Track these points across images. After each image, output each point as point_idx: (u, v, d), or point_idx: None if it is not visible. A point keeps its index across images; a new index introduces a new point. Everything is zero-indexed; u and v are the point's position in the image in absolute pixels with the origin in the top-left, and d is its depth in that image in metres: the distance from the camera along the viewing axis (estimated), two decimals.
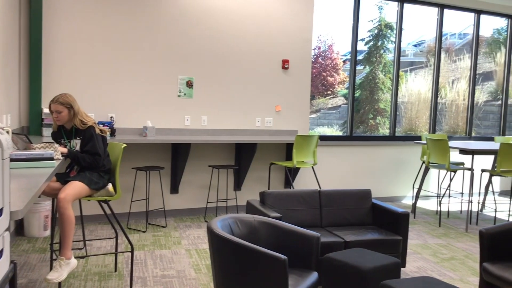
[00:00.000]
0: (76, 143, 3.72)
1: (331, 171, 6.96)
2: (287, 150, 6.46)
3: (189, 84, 6.00)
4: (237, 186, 6.32)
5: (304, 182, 6.72)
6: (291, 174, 6.40)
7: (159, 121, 5.87)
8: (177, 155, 5.79)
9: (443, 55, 8.04)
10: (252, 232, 3.40)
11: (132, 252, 3.71)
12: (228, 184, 6.29)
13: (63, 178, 3.65)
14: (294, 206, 4.30)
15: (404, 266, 4.24)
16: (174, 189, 5.97)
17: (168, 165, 5.93)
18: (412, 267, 4.49)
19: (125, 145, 3.90)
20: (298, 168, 6.45)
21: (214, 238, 2.99)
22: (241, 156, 6.16)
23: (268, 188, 6.37)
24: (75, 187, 3.47)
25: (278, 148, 6.51)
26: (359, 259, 3.46)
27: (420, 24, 7.94)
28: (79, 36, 5.45)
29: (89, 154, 3.63)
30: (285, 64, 6.44)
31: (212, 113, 6.13)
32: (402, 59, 7.98)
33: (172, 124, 5.94)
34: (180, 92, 5.97)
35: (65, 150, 3.60)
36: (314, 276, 3.19)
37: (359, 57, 7.72)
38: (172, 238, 5.14)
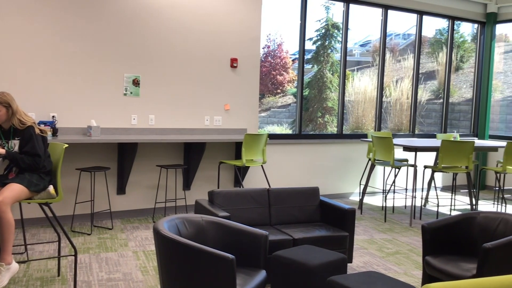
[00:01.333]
0: (15, 144, 3.56)
1: (280, 169, 7.01)
2: (237, 148, 6.45)
3: (136, 83, 5.88)
4: (186, 185, 6.25)
5: (254, 181, 6.73)
6: (240, 173, 6.39)
7: (104, 120, 5.71)
8: (124, 155, 5.66)
9: (388, 55, 8.25)
10: (200, 232, 3.36)
11: (75, 255, 3.59)
12: (177, 183, 6.21)
13: (1, 180, 3.49)
14: (243, 205, 4.30)
15: (351, 262, 4.31)
16: (121, 189, 5.83)
17: (114, 166, 5.79)
18: (359, 262, 4.58)
19: (66, 145, 3.77)
20: (248, 167, 6.46)
21: (160, 239, 2.94)
22: (190, 155, 6.10)
23: (218, 187, 6.34)
24: (14, 190, 3.33)
25: (227, 147, 6.49)
26: (307, 256, 3.49)
27: (366, 25, 8.12)
28: (18, 32, 5.22)
29: (28, 155, 3.48)
30: (233, 62, 6.42)
31: (160, 112, 6.03)
32: (349, 58, 8.13)
33: (118, 123, 5.80)
34: (126, 91, 5.84)
35: (3, 151, 3.44)
36: (262, 274, 3.19)
37: (308, 56, 7.81)
38: (119, 240, 5.01)
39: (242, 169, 6.41)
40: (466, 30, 9.12)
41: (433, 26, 8.81)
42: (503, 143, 6.66)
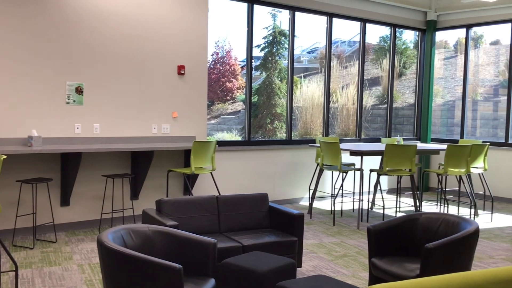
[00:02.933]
0: None
1: (230, 176, 6.99)
2: (185, 156, 6.39)
3: (79, 91, 5.71)
4: (134, 195, 6.12)
5: (203, 188, 6.68)
6: (190, 180, 6.33)
7: (46, 130, 5.52)
8: (67, 166, 5.48)
9: (334, 62, 8.43)
10: (147, 243, 3.29)
11: (16, 270, 3.43)
12: (124, 193, 6.07)
13: None
14: (192, 213, 4.25)
15: (300, 266, 4.35)
16: (65, 201, 5.64)
17: (57, 176, 5.59)
18: (308, 267, 4.63)
19: (4, 156, 3.61)
20: (197, 175, 6.40)
21: (104, 251, 2.85)
22: (138, 164, 5.98)
23: (167, 196, 6.24)
24: None
25: (176, 155, 6.41)
26: (256, 262, 3.49)
27: (313, 32, 8.27)
28: None
29: None
30: (181, 69, 6.36)
31: (105, 120, 5.89)
32: (297, 65, 8.25)
33: (61, 132, 5.61)
34: (69, 99, 5.66)
35: None
36: (211, 283, 3.16)
37: (256, 63, 7.86)
38: (63, 253, 4.84)
39: (191, 177, 6.34)
40: (409, 37, 9.45)
41: (376, 33, 9.08)
42: (444, 146, 6.92)
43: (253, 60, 7.41)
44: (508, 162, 8.04)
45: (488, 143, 6.91)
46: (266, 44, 7.92)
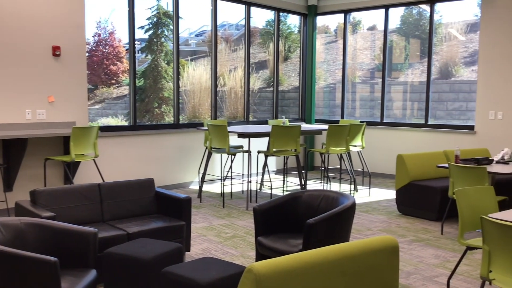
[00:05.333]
0: None
1: (116, 163, 6.73)
2: (65, 143, 6.01)
3: None
4: (8, 186, 5.65)
5: (87, 177, 6.36)
6: (70, 169, 5.98)
7: None
8: None
9: (223, 45, 8.41)
10: (19, 236, 3.05)
11: None
12: None
13: None
14: (71, 203, 4.01)
15: (189, 250, 4.31)
16: None
17: None
18: (198, 250, 4.61)
19: None
20: (78, 162, 6.07)
21: None
22: (10, 153, 5.52)
23: (45, 186, 5.85)
24: None
25: (54, 142, 6.01)
26: (141, 249, 3.39)
27: (200, 15, 8.16)
28: None
29: None
30: (55, 50, 5.94)
31: None
32: (185, 48, 8.11)
33: None
34: None
35: None
36: (92, 274, 3.01)
37: (142, 45, 7.59)
38: None
39: (72, 165, 6.00)
40: (294, 21, 9.69)
41: (263, 17, 9.20)
42: (326, 127, 7.24)
43: (139, 43, 7.13)
44: (384, 140, 8.64)
45: (365, 123, 7.36)
46: (151, 26, 7.67)
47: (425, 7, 8.31)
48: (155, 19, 7.66)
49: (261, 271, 2.05)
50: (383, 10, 8.68)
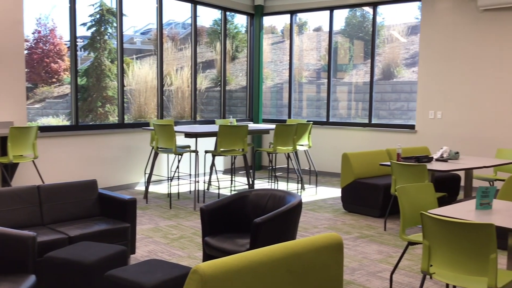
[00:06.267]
0: None
1: (58, 164, 6.49)
2: (2, 144, 5.74)
3: None
4: None
5: (26, 179, 6.10)
6: (8, 170, 5.71)
7: None
8: None
9: (169, 44, 8.29)
10: None
11: None
12: None
13: None
14: (7, 206, 3.83)
15: (134, 253, 4.22)
16: None
17: None
18: (143, 252, 4.51)
19: None
20: (17, 164, 5.80)
21: None
22: None
23: None
24: None
25: None
26: (83, 253, 3.28)
27: (146, 12, 8.01)
28: None
29: None
30: None
31: None
32: (130, 46, 7.94)
33: None
34: None
35: None
36: (31, 280, 2.88)
37: (84, 43, 7.37)
38: None
39: (10, 167, 5.73)
40: (241, 21, 9.70)
41: (210, 16, 9.15)
42: (273, 126, 7.29)
43: (81, 40, 6.90)
44: (330, 139, 8.80)
45: (312, 122, 7.46)
46: (93, 23, 7.46)
47: (368, 10, 8.53)
48: (98, 16, 7.46)
49: (206, 271, 2.03)
50: (328, 12, 8.83)
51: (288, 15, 9.39)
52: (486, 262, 2.61)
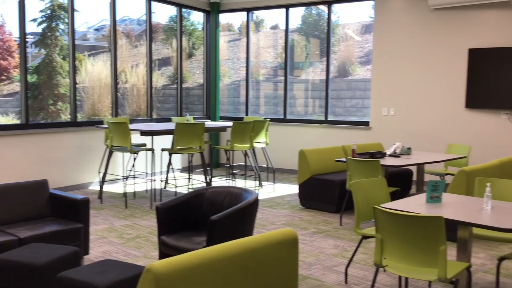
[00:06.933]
0: None
1: (7, 164, 6.26)
2: None
3: None
4: None
5: None
6: None
7: None
8: None
9: (124, 40, 8.13)
10: None
11: None
12: None
13: None
14: None
15: (87, 254, 4.12)
16: None
17: None
18: (97, 253, 4.42)
19: None
20: None
21: None
22: None
23: None
24: None
25: None
26: (33, 255, 3.18)
27: (99, 8, 7.82)
28: None
29: None
30: None
31: None
32: (83, 43, 7.74)
33: None
34: None
35: None
36: None
37: (35, 39, 7.13)
38: None
39: None
40: (198, 18, 9.62)
41: (166, 13, 9.03)
42: (230, 123, 7.27)
43: (32, 37, 6.68)
44: (287, 136, 8.86)
45: (269, 119, 7.50)
46: (44, 19, 7.23)
47: (324, 8, 8.64)
48: (48, 12, 7.24)
49: (160, 270, 2.00)
50: (284, 10, 8.89)
51: (245, 13, 9.39)
52: (436, 253, 2.69)
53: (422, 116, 7.60)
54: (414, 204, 3.25)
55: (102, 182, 6.50)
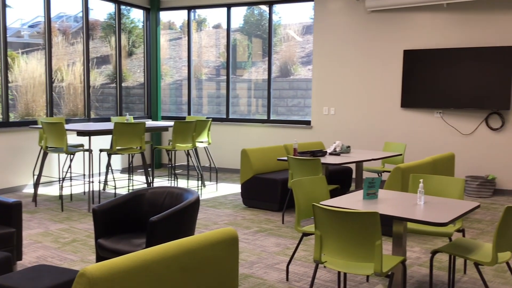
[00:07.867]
0: None
1: None
2: None
3: None
4: None
5: None
6: None
7: None
8: None
9: (60, 38, 7.83)
10: None
11: None
12: None
13: None
14: None
15: (20, 259, 3.93)
16: None
17: None
18: (31, 258, 4.23)
19: None
20: None
21: None
22: None
23: None
24: None
25: None
26: None
27: (34, 4, 7.49)
28: None
29: None
30: None
31: None
32: (17, 40, 7.39)
33: None
34: None
35: None
36: None
37: None
38: None
39: None
40: (138, 15, 9.41)
41: (104, 10, 8.78)
42: (172, 123, 7.18)
43: None
44: (230, 135, 8.85)
45: (211, 119, 7.46)
46: None
47: (265, 8, 8.69)
48: None
49: (95, 274, 1.93)
50: (225, 9, 8.87)
51: (186, 11, 9.29)
52: (372, 248, 2.76)
53: (360, 115, 7.81)
54: (352, 201, 3.33)
55: (37, 184, 6.23)
